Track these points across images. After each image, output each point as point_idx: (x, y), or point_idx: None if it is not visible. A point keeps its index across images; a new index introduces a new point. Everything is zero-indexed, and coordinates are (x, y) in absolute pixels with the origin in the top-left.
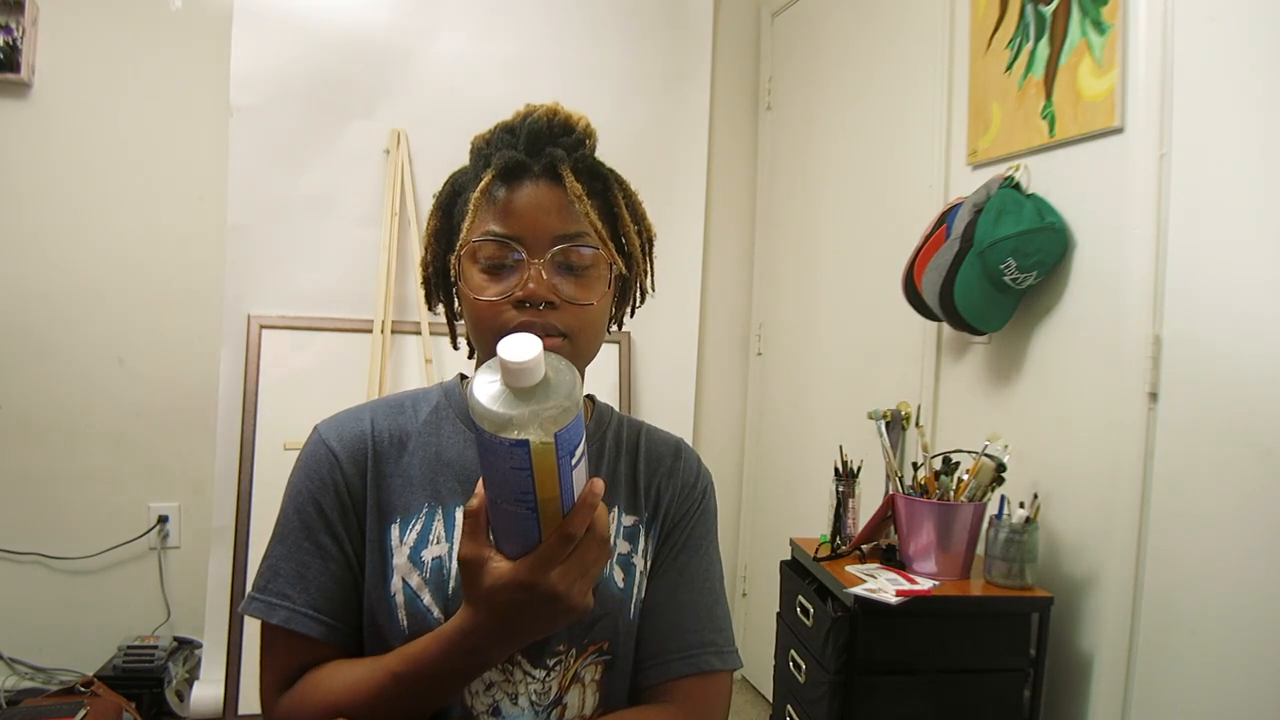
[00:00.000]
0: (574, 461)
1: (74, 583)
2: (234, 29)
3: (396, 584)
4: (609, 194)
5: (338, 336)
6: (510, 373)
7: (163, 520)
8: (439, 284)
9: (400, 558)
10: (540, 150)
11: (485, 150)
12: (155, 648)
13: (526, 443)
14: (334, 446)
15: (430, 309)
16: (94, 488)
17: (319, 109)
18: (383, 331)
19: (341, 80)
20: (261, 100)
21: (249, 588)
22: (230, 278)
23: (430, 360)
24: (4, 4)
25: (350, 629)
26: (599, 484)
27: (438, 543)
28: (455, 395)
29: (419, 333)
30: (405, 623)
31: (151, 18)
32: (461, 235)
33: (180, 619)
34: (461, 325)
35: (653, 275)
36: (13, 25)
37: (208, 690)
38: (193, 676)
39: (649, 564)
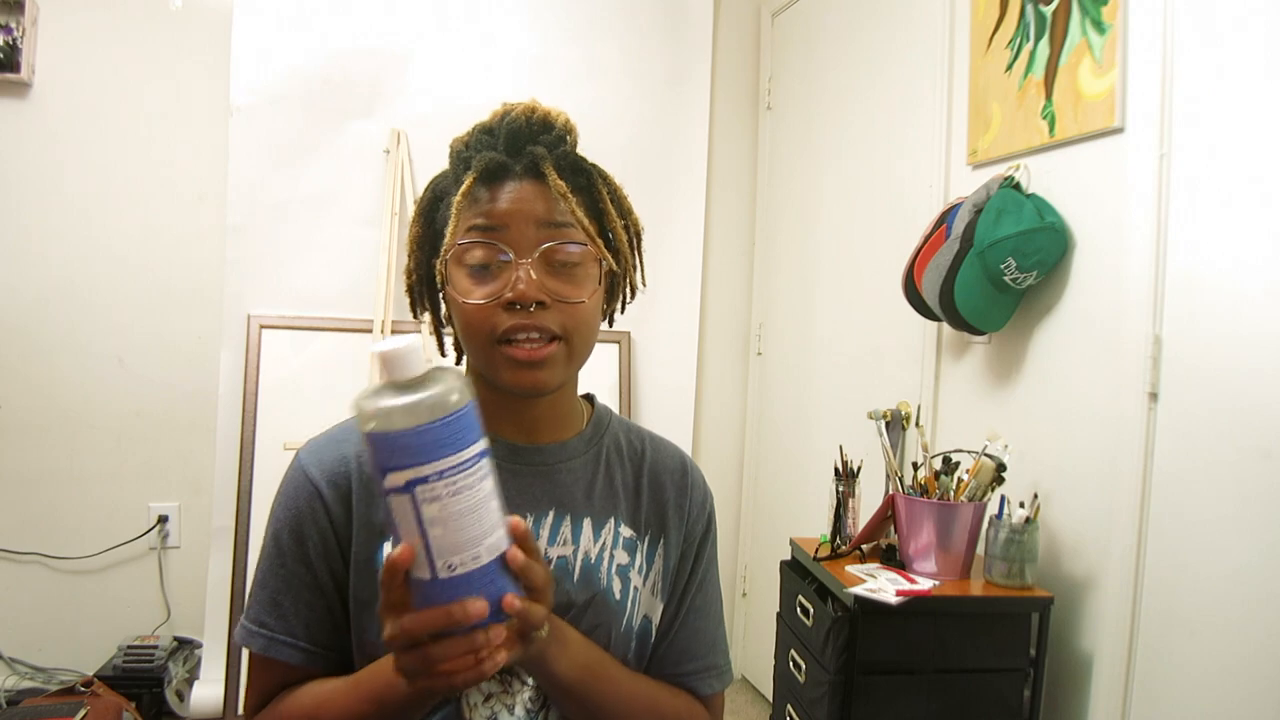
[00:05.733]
0: (387, 488)
1: (74, 583)
2: (234, 29)
3: None
4: (593, 189)
5: (338, 336)
6: (386, 362)
7: (163, 520)
8: (423, 291)
9: None
10: (521, 149)
11: (465, 153)
12: (155, 648)
13: (370, 434)
14: (313, 475)
15: (415, 317)
16: (94, 488)
17: (319, 109)
18: (383, 332)
19: (341, 80)
20: (261, 100)
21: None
22: (230, 278)
23: (431, 361)
24: (4, 4)
25: (334, 652)
26: (404, 554)
27: None
28: None
29: (419, 333)
30: None
31: (151, 18)
32: (446, 240)
33: (180, 619)
34: (448, 331)
35: (642, 270)
36: (13, 25)
37: (208, 690)
38: (193, 676)
39: (650, 583)
